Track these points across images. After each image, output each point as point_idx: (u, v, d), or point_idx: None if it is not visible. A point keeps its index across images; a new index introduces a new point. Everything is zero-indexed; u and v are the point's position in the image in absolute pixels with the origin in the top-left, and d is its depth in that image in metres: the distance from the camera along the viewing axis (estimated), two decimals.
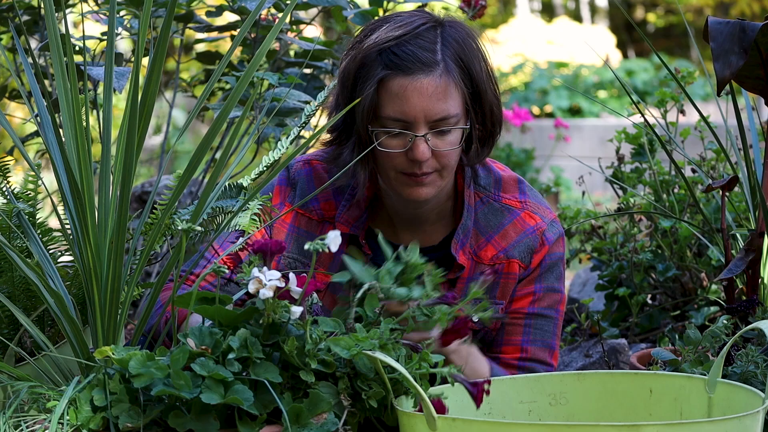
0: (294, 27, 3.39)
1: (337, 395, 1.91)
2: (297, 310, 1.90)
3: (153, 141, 7.59)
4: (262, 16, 3.30)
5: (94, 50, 3.37)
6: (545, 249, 2.41)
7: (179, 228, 1.98)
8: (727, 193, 2.61)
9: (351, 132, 2.33)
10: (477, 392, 1.84)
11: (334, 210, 2.43)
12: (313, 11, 3.52)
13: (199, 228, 2.00)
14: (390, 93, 2.27)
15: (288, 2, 3.21)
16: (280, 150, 2.50)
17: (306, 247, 1.92)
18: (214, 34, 3.43)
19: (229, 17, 3.36)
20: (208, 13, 3.34)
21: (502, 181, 2.45)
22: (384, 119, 2.28)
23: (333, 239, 1.93)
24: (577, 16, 16.44)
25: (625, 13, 2.64)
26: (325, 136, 2.41)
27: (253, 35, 3.32)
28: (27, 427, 1.90)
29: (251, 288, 1.90)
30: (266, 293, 1.89)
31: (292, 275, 1.92)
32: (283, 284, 1.90)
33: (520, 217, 2.41)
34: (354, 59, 2.31)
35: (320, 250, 1.92)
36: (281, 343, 1.90)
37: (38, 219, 2.38)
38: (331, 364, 1.92)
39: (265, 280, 1.89)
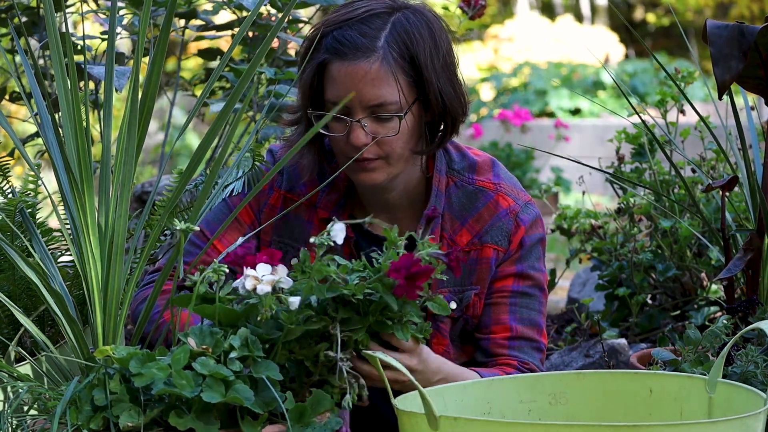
0: (292, 26, 3.40)
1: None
2: (295, 300, 1.90)
3: (153, 140, 7.59)
4: (262, 15, 3.30)
5: (96, 50, 3.37)
6: (521, 230, 2.41)
7: (177, 228, 1.98)
8: (727, 193, 2.62)
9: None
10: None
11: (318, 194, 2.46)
12: (312, 10, 3.52)
13: (196, 228, 2.00)
14: (329, 77, 2.30)
15: (287, 1, 3.21)
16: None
17: (312, 240, 1.93)
18: (213, 33, 3.43)
19: (226, 16, 3.37)
20: (205, 11, 3.35)
21: (477, 165, 2.45)
22: (326, 103, 2.32)
23: (338, 232, 1.93)
24: (577, 16, 16.44)
25: (621, 17, 2.64)
26: (288, 119, 2.44)
27: (252, 35, 3.32)
28: (28, 427, 1.90)
29: (248, 285, 1.90)
30: (264, 288, 1.89)
31: (281, 267, 1.92)
32: (276, 277, 1.90)
33: (494, 199, 2.41)
34: (304, 43, 2.36)
35: (326, 244, 1.92)
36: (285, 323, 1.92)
37: (38, 219, 2.38)
38: (348, 287, 1.94)
39: (261, 276, 1.89)
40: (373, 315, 1.98)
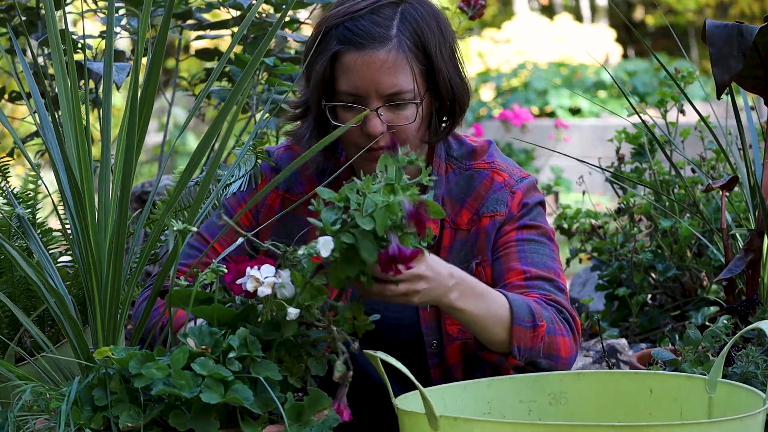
0: (290, 25, 3.40)
1: None
2: (293, 311, 1.90)
3: (153, 140, 7.58)
4: (263, 15, 3.30)
5: (96, 48, 3.37)
6: (518, 194, 2.42)
7: (174, 228, 1.97)
8: (727, 193, 2.62)
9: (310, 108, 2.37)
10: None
11: None
12: (310, 9, 3.52)
13: (194, 228, 1.99)
14: (343, 67, 2.30)
15: (284, 0, 3.21)
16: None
17: (300, 252, 1.93)
18: (212, 33, 3.43)
19: (223, 14, 3.37)
20: (199, 10, 3.35)
21: (475, 150, 2.47)
22: (339, 94, 2.31)
23: (323, 245, 1.92)
24: (577, 16, 16.44)
25: (623, 16, 2.64)
26: (291, 114, 2.43)
27: (252, 35, 3.32)
28: (30, 427, 1.90)
29: (249, 287, 1.90)
30: (265, 291, 1.89)
31: (286, 272, 1.92)
32: (279, 280, 1.90)
33: (489, 176, 2.43)
34: (313, 35, 2.35)
35: (312, 253, 1.91)
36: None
37: (38, 219, 2.38)
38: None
39: (262, 278, 1.89)
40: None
